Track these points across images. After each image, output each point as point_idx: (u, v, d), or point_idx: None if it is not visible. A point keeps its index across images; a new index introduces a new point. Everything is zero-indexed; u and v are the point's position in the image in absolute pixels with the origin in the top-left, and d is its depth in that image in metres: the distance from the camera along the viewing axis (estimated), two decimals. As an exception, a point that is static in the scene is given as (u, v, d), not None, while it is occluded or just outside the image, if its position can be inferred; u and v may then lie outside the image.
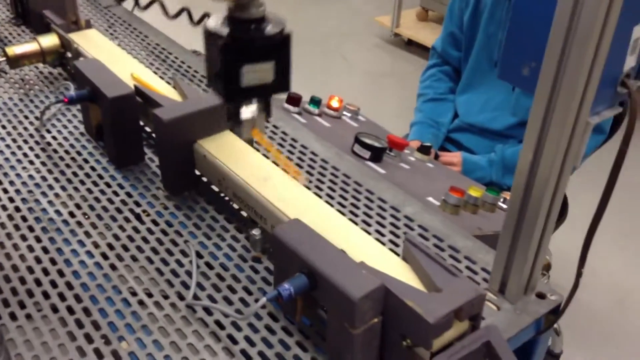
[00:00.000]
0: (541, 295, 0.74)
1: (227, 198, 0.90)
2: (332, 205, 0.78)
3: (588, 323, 1.89)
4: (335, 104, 1.27)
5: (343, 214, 0.79)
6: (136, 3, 1.56)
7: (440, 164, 1.24)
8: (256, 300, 0.73)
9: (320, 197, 0.82)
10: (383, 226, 0.85)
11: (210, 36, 0.65)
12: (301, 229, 0.69)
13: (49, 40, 1.18)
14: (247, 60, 0.64)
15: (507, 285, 0.73)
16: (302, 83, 1.27)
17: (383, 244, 0.73)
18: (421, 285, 0.64)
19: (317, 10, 4.09)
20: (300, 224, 0.70)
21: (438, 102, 1.66)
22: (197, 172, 0.91)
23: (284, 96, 1.23)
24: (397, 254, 0.69)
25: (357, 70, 3.41)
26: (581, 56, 0.56)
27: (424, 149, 1.19)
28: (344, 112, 1.30)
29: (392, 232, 0.84)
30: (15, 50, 1.14)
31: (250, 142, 0.89)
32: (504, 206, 1.04)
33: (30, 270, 0.76)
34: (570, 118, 0.60)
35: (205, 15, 0.68)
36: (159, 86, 0.99)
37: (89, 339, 0.68)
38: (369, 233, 0.75)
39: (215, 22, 0.65)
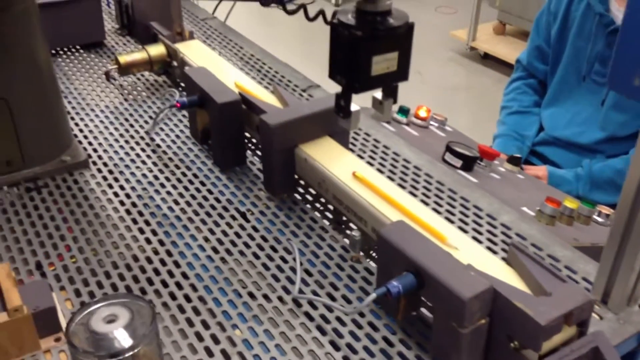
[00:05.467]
0: (645, 307, 0.74)
1: (323, 200, 0.94)
2: (431, 211, 0.81)
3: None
4: (423, 113, 1.29)
5: (442, 219, 0.81)
6: (228, 14, 1.65)
7: (530, 176, 1.24)
8: (358, 298, 0.76)
9: (419, 202, 0.85)
10: (480, 233, 0.87)
11: (339, 29, 0.68)
12: (406, 229, 0.71)
13: (156, 50, 1.26)
14: (378, 51, 0.68)
15: (611, 295, 0.73)
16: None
17: (484, 249, 0.75)
18: (528, 289, 0.65)
19: (391, 23, 4.11)
20: (405, 225, 0.72)
21: (523, 115, 1.65)
22: (296, 176, 0.96)
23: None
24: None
25: (431, 84, 3.41)
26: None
27: (514, 160, 1.19)
28: (431, 122, 1.32)
29: (489, 240, 0.85)
30: (126, 58, 1.23)
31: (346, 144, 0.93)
32: (599, 219, 1.03)
33: (149, 260, 0.83)
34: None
35: (320, 13, 0.72)
36: (260, 93, 1.05)
37: (205, 325, 0.73)
38: (469, 238, 0.77)
39: (344, 16, 0.68)
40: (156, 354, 0.51)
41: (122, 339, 0.48)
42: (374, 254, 0.85)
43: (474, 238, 0.86)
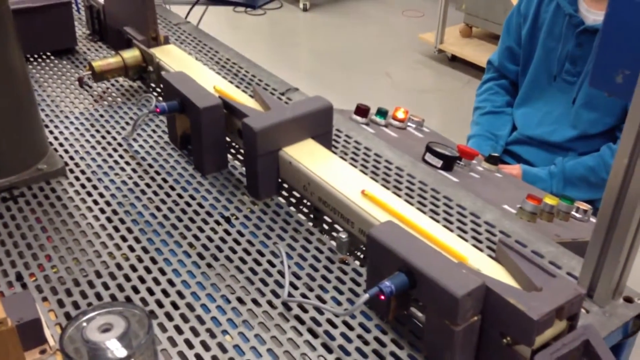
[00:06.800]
0: (629, 300, 0.75)
1: (308, 203, 0.94)
2: (417, 210, 0.81)
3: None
4: (400, 115, 1.30)
5: (428, 218, 0.82)
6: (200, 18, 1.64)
7: (507, 174, 1.26)
8: (348, 300, 0.76)
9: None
10: (465, 232, 0.88)
11: None
12: (396, 229, 0.72)
13: (131, 55, 1.24)
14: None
15: (596, 289, 0.74)
16: (350, 99, 1.31)
17: (472, 247, 0.76)
18: (518, 285, 0.66)
19: (361, 29, 4.15)
20: (395, 225, 0.73)
21: (496, 115, 1.67)
22: (280, 179, 0.95)
23: (352, 107, 1.26)
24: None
25: (401, 86, 3.44)
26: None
27: (492, 159, 1.21)
28: (409, 124, 1.33)
29: (474, 238, 0.86)
30: (101, 64, 1.21)
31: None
32: (578, 215, 1.05)
33: (134, 268, 0.81)
34: (668, 123, 0.62)
35: None
36: (241, 97, 1.04)
37: (195, 332, 0.72)
38: (456, 236, 0.77)
39: None
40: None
41: (118, 348, 0.47)
42: (361, 255, 0.84)
43: (460, 237, 0.86)
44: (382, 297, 0.65)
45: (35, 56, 1.38)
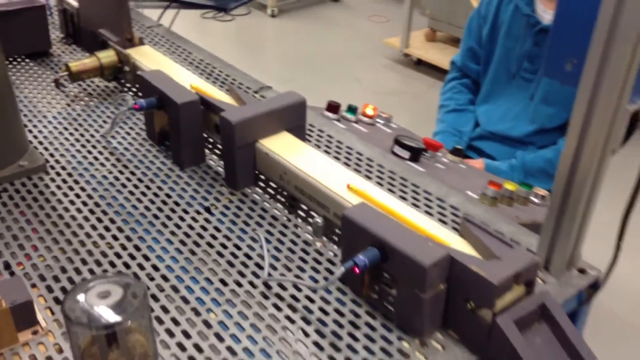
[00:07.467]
0: (582, 271, 0.82)
1: (285, 193, 0.98)
2: (388, 194, 0.86)
3: (607, 324, 1.96)
4: (370, 111, 1.36)
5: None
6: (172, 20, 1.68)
7: (471, 165, 1.33)
8: (324, 278, 0.81)
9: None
10: (431, 215, 0.93)
11: None
12: (369, 210, 0.77)
13: (107, 56, 1.27)
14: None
15: (552, 262, 0.81)
16: (320, 102, 1.37)
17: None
18: (480, 256, 0.72)
19: (329, 35, 4.22)
20: (367, 206, 0.78)
21: (460, 113, 1.75)
22: (257, 171, 1.00)
23: (323, 104, 1.32)
24: (454, 232, 0.77)
25: (369, 89, 3.52)
26: (623, 51, 0.65)
27: (456, 152, 1.27)
28: (378, 120, 1.39)
29: (440, 220, 0.92)
30: (77, 65, 1.24)
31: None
32: (536, 200, 1.12)
33: (118, 255, 0.85)
34: (611, 107, 0.69)
35: None
36: (217, 94, 1.08)
37: (180, 310, 0.76)
38: (424, 217, 0.83)
39: None
40: (148, 328, 0.54)
41: (115, 312, 0.51)
42: (336, 239, 0.90)
43: (427, 219, 0.92)
44: (357, 270, 0.71)
45: (11, 59, 1.40)
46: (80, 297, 0.51)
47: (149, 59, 1.25)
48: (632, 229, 0.81)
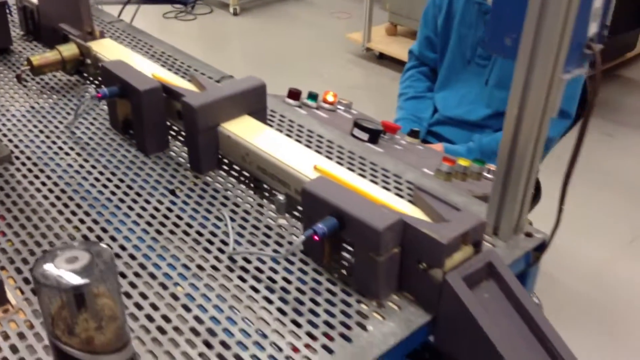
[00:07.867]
0: (529, 234, 0.87)
1: (248, 175, 1.02)
2: (346, 170, 0.91)
3: (565, 299, 2.04)
4: (330, 98, 1.40)
5: (355, 177, 0.91)
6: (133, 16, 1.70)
7: (428, 147, 1.38)
8: (287, 250, 0.85)
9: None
10: (388, 190, 0.98)
11: None
12: (327, 182, 0.81)
13: (68, 49, 1.28)
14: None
15: (500, 227, 0.86)
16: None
17: (393, 197, 0.86)
18: (430, 220, 0.76)
19: (292, 32, 4.25)
20: (326, 179, 0.82)
21: (418, 100, 1.81)
22: (220, 154, 1.03)
23: (284, 92, 1.36)
24: (408, 201, 0.82)
25: (333, 84, 3.56)
26: (554, 26, 0.70)
27: (413, 134, 1.32)
28: (338, 106, 1.43)
29: (397, 194, 0.97)
30: (39, 58, 1.25)
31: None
32: (488, 176, 1.17)
33: (86, 237, 0.87)
34: (547, 76, 0.74)
35: None
36: (179, 82, 1.11)
37: (148, 285, 0.79)
38: (380, 190, 0.88)
39: None
40: (115, 292, 0.57)
41: (83, 276, 0.53)
42: (299, 215, 0.93)
43: (384, 194, 0.97)
44: (316, 238, 0.75)
45: (-30, 56, 1.40)
46: (49, 263, 0.53)
47: (110, 51, 1.27)
48: (576, 202, 0.86)
